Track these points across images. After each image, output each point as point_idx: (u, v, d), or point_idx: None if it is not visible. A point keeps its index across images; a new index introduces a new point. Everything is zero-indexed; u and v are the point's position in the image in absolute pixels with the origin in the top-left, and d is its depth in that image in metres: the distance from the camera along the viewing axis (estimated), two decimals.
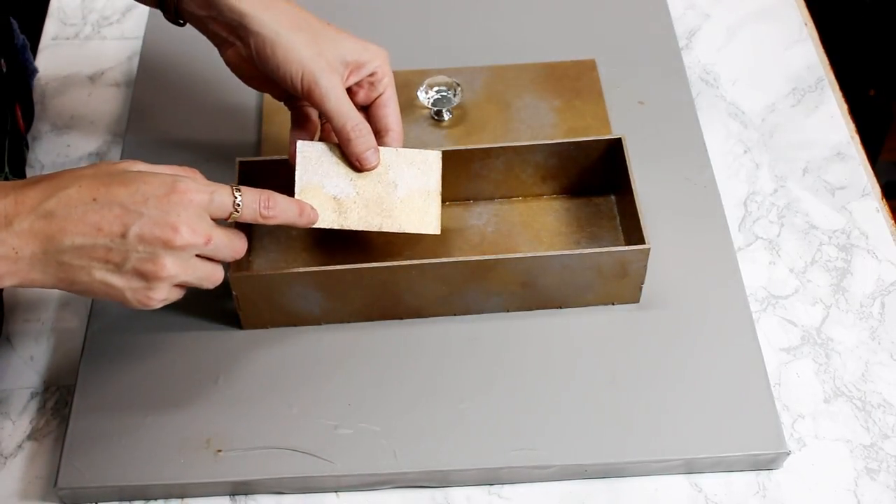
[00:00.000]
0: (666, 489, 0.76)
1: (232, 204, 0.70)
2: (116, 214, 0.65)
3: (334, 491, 0.77)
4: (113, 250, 0.66)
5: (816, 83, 1.02)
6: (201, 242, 0.67)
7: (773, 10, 1.08)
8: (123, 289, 0.67)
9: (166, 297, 0.69)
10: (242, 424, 0.78)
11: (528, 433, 0.77)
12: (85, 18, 1.09)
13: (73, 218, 0.65)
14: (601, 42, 1.02)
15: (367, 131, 0.79)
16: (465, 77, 0.98)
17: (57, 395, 0.82)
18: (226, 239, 0.70)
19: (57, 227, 0.65)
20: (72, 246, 0.65)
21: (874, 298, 0.86)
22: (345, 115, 0.78)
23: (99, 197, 0.65)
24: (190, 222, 0.67)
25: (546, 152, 0.86)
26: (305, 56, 0.77)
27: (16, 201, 0.65)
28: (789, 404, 0.80)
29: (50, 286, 0.67)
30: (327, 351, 0.81)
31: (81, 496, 0.76)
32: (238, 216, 0.71)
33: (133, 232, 0.65)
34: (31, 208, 0.65)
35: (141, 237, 0.65)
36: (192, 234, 0.67)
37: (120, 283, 0.67)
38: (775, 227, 0.91)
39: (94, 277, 0.66)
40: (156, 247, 0.66)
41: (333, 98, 0.77)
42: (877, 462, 0.77)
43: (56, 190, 0.65)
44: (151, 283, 0.67)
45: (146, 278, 0.67)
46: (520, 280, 0.80)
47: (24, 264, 0.65)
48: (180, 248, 0.66)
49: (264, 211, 0.72)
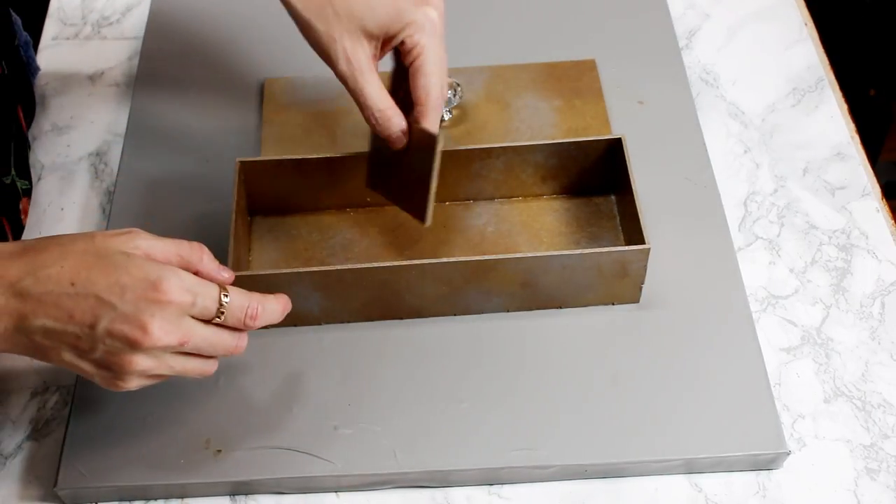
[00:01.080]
0: (666, 489, 0.76)
1: (216, 311, 0.67)
2: (90, 305, 0.63)
3: (334, 491, 0.77)
4: (82, 339, 0.64)
5: (816, 83, 1.02)
6: (174, 343, 0.65)
7: (773, 10, 1.08)
8: (92, 374, 0.66)
9: (139, 384, 0.67)
10: (242, 424, 0.77)
11: (528, 433, 0.77)
12: (85, 18, 1.09)
13: (47, 301, 0.63)
14: (601, 42, 1.02)
15: (391, 115, 0.76)
16: (465, 77, 0.98)
17: (57, 395, 0.82)
18: (213, 338, 0.67)
19: (30, 307, 0.63)
20: (42, 328, 0.64)
21: (874, 298, 0.86)
22: (367, 100, 0.75)
23: (77, 282, 0.63)
24: (164, 323, 0.64)
25: (546, 152, 0.86)
26: (322, 34, 0.74)
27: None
28: (789, 404, 0.80)
29: (24, 354, 0.67)
30: (327, 351, 0.81)
31: (81, 496, 0.76)
32: (221, 321, 0.68)
33: (102, 326, 0.63)
34: (10, 284, 0.63)
35: (109, 332, 0.63)
36: (163, 335, 0.64)
37: (88, 369, 0.66)
38: (775, 227, 0.91)
39: (63, 359, 0.65)
40: (124, 344, 0.64)
41: (352, 81, 0.75)
42: (877, 462, 0.77)
43: (38, 268, 0.64)
44: (119, 375, 0.66)
45: (113, 370, 0.65)
46: (520, 280, 0.80)
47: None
48: (149, 348, 0.64)
49: (249, 321, 0.69)
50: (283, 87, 0.99)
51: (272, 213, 0.88)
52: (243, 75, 1.00)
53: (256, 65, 1.01)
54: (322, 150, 0.92)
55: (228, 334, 0.69)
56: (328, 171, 0.86)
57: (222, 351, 0.69)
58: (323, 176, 0.86)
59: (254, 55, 1.01)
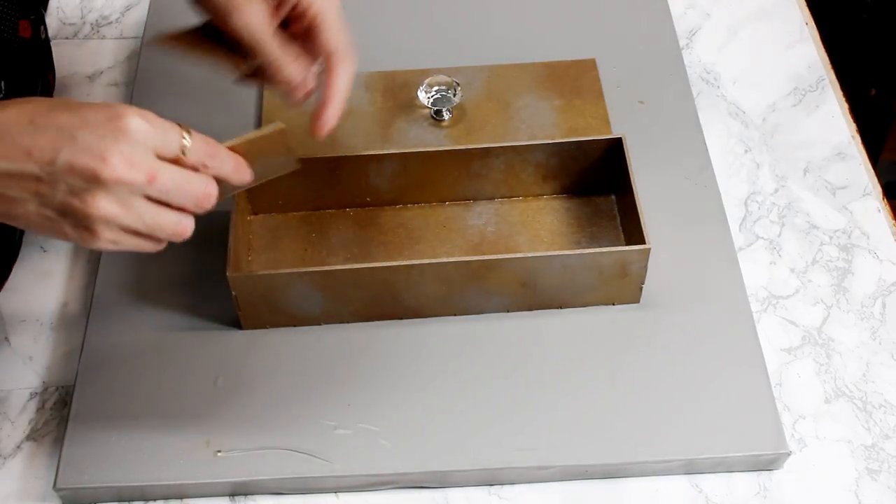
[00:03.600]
0: (666, 490, 0.76)
1: (179, 144, 0.61)
2: (49, 139, 0.58)
3: (334, 491, 0.76)
4: (42, 179, 0.58)
5: (817, 83, 1.01)
6: (141, 179, 0.58)
7: (774, 10, 1.08)
8: (61, 224, 0.60)
9: (115, 239, 0.60)
10: (242, 425, 0.77)
11: (528, 433, 0.77)
12: (84, 18, 1.09)
13: (4, 141, 0.58)
14: (601, 42, 1.02)
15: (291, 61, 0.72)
16: (465, 77, 0.98)
17: (56, 396, 0.82)
18: (178, 178, 0.61)
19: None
20: (2, 172, 0.58)
21: (875, 298, 0.86)
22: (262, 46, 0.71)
23: (37, 119, 0.58)
24: (126, 155, 0.58)
25: (546, 152, 0.86)
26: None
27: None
28: (790, 404, 0.80)
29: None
30: (327, 351, 0.81)
31: (80, 496, 0.76)
32: (184, 160, 0.62)
33: (62, 158, 0.57)
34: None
35: (70, 166, 0.57)
36: (126, 167, 0.58)
37: (55, 218, 0.59)
38: (776, 227, 0.90)
39: (28, 209, 0.59)
40: (86, 178, 0.58)
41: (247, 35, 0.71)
42: (878, 462, 0.77)
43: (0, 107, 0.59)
44: (87, 224, 0.59)
45: (77, 216, 0.59)
46: (520, 280, 0.80)
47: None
48: (112, 183, 0.58)
49: (208, 160, 0.63)
50: None
51: (272, 212, 0.88)
52: None
53: None
54: (322, 150, 0.92)
55: (196, 176, 0.62)
56: (328, 171, 0.86)
57: (192, 197, 0.62)
58: (323, 176, 0.86)
59: None
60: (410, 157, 0.85)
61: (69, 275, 0.89)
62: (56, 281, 0.88)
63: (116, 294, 0.85)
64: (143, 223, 0.60)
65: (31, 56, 0.86)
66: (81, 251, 0.90)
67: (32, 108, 0.59)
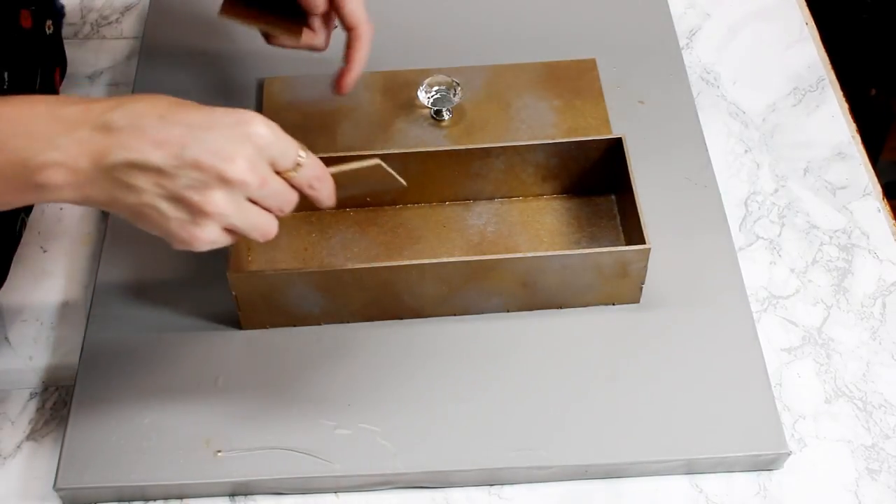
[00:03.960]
0: (667, 490, 0.76)
1: (294, 160, 0.65)
2: (179, 133, 0.61)
3: (334, 491, 0.76)
4: (164, 172, 0.61)
5: (817, 82, 1.01)
6: (256, 182, 0.62)
7: (774, 10, 1.08)
8: (170, 218, 0.62)
9: (214, 239, 0.63)
10: (242, 425, 0.77)
11: (528, 433, 0.77)
12: (84, 18, 1.09)
13: (133, 133, 0.61)
14: (601, 42, 1.02)
15: None
16: (465, 77, 0.98)
17: (56, 396, 0.82)
18: (281, 187, 0.65)
19: (114, 140, 0.61)
20: (125, 161, 0.61)
21: (875, 298, 0.86)
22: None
23: (167, 115, 0.62)
24: (249, 159, 0.62)
25: (546, 152, 0.86)
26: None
27: (85, 109, 0.62)
28: (790, 405, 0.80)
29: (106, 207, 0.63)
30: (327, 351, 0.81)
31: (80, 497, 0.76)
32: (294, 176, 0.65)
33: (189, 154, 0.61)
34: (95, 117, 0.61)
35: (196, 162, 0.61)
36: (248, 170, 0.62)
37: (167, 211, 0.62)
38: (776, 227, 0.90)
39: (143, 200, 0.62)
40: (208, 176, 0.61)
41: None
42: (878, 462, 0.77)
43: (125, 103, 0.62)
44: (197, 219, 0.62)
45: (192, 210, 0.62)
46: (520, 280, 0.80)
47: (81, 176, 0.61)
48: (233, 184, 0.62)
49: (315, 182, 0.67)
50: (281, 87, 0.99)
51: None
52: (242, 74, 1.00)
53: (255, 64, 1.01)
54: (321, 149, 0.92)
55: (291, 191, 0.66)
56: None
57: (286, 205, 0.66)
58: None
59: (252, 54, 1.01)
60: (410, 157, 0.85)
61: (69, 275, 0.89)
62: (56, 281, 0.88)
63: (116, 294, 0.85)
64: (247, 222, 0.64)
65: (32, 47, 0.87)
66: (81, 251, 0.90)
67: (164, 104, 0.62)
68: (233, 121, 0.63)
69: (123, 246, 0.87)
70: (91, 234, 0.91)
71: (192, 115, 0.62)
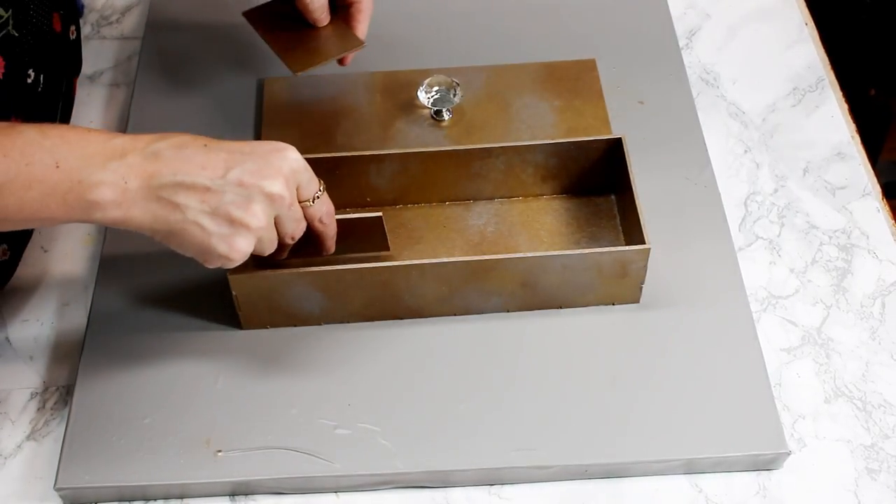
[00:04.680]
0: (666, 489, 0.76)
1: (314, 192, 0.73)
2: (222, 158, 0.68)
3: (334, 491, 0.77)
4: (210, 190, 0.67)
5: (817, 83, 1.01)
6: (289, 200, 0.70)
7: (774, 10, 1.08)
8: (212, 233, 0.68)
9: (247, 248, 0.70)
10: (242, 424, 0.77)
11: (528, 433, 0.77)
12: (84, 18, 1.09)
13: (179, 158, 0.67)
14: (601, 42, 1.02)
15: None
16: (465, 77, 0.98)
17: (57, 396, 0.82)
18: (299, 214, 0.72)
19: (163, 164, 0.67)
20: (173, 182, 0.67)
21: (874, 298, 0.86)
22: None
23: (210, 144, 0.69)
24: (286, 178, 0.69)
25: (546, 152, 0.86)
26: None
27: (133, 139, 0.68)
28: (790, 404, 0.80)
29: (147, 227, 0.68)
30: (327, 351, 0.81)
31: (81, 496, 0.76)
32: (309, 207, 0.73)
33: (233, 174, 0.68)
34: (142, 147, 0.67)
35: (240, 180, 0.68)
36: (284, 189, 0.69)
37: (210, 227, 0.68)
38: (776, 227, 0.90)
39: (188, 217, 0.67)
40: (251, 191, 0.68)
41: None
42: (877, 462, 0.77)
43: (169, 136, 0.69)
44: (239, 231, 0.68)
45: (233, 224, 0.68)
46: (520, 280, 0.80)
47: (129, 195, 0.67)
48: (272, 198, 0.69)
49: (326, 217, 0.75)
50: (282, 87, 0.99)
51: None
52: (243, 75, 1.00)
53: (256, 64, 1.01)
54: (321, 149, 0.92)
55: (304, 221, 0.74)
56: (328, 170, 0.86)
57: (297, 232, 0.73)
58: (323, 176, 0.86)
59: (253, 55, 1.01)
60: (410, 157, 0.85)
61: (69, 275, 0.89)
62: (56, 281, 0.88)
63: (117, 294, 0.85)
64: (268, 238, 0.71)
65: (61, 51, 0.87)
66: (81, 251, 0.90)
67: (204, 138, 0.70)
68: (269, 148, 0.70)
69: (123, 246, 0.87)
70: (91, 235, 0.91)
71: (231, 144, 0.69)
